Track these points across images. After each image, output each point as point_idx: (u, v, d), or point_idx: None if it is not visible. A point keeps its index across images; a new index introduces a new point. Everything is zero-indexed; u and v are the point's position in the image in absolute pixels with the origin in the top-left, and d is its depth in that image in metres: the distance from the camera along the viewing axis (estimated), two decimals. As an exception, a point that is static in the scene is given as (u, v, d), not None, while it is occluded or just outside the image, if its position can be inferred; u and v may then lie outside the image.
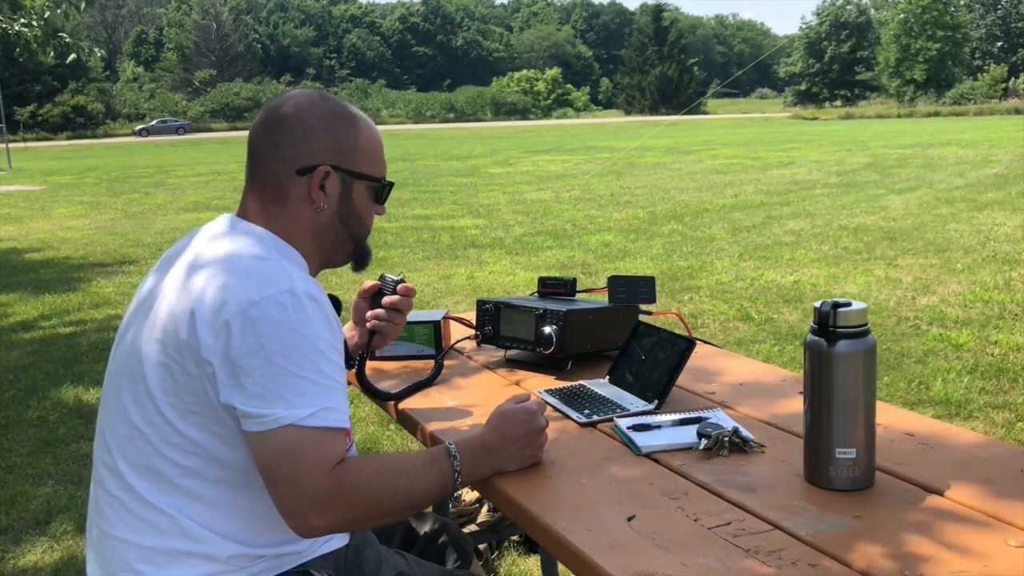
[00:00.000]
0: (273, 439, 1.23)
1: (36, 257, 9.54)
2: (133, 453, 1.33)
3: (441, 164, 22.17)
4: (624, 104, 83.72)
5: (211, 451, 1.30)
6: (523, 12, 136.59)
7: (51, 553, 3.02)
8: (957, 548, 1.11)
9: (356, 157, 1.45)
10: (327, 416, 1.25)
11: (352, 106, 1.48)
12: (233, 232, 1.39)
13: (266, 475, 1.26)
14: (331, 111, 1.43)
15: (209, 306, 1.26)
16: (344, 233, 1.47)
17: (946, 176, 14.77)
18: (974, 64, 74.30)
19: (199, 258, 1.35)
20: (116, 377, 1.38)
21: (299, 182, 1.41)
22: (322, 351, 1.27)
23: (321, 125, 1.41)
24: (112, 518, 1.34)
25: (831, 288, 6.65)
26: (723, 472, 1.38)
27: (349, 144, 1.44)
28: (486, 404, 1.74)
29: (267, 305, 1.25)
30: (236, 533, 1.32)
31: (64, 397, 4.70)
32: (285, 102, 1.44)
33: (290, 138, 1.40)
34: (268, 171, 1.41)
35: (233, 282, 1.27)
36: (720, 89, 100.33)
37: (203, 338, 1.25)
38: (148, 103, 73.17)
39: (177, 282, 1.33)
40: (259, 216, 1.41)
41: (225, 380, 1.24)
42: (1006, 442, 1.66)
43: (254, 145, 1.44)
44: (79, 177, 21.32)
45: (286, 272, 1.30)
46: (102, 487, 1.37)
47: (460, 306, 6.37)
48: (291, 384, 1.23)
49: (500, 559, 2.88)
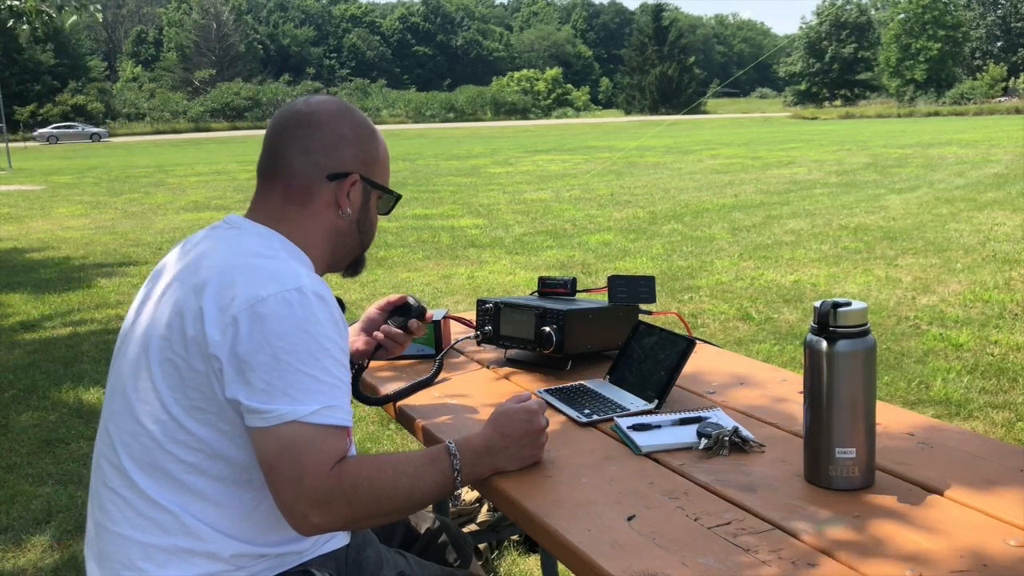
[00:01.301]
0: (275, 435, 1.24)
1: (36, 257, 9.54)
2: (138, 449, 1.33)
3: (441, 164, 22.17)
4: (624, 104, 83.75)
5: (216, 448, 1.30)
6: (523, 12, 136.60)
7: (51, 553, 3.02)
8: (957, 548, 1.11)
9: (377, 168, 1.50)
10: (330, 414, 1.25)
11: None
12: (240, 232, 1.41)
13: (268, 471, 1.26)
14: (361, 123, 1.48)
15: (217, 302, 1.27)
16: (357, 240, 1.51)
17: (946, 176, 14.77)
18: (974, 64, 74.30)
19: (206, 256, 1.36)
20: (121, 373, 1.39)
21: (328, 187, 1.44)
22: (328, 349, 1.27)
23: (352, 135, 1.46)
24: (115, 515, 1.35)
25: (831, 288, 6.65)
26: (723, 472, 1.38)
27: (372, 156, 1.49)
28: (486, 404, 1.74)
29: (275, 302, 1.26)
30: (239, 532, 1.32)
31: (64, 397, 4.70)
32: (316, 108, 1.46)
33: (323, 144, 1.43)
34: (297, 173, 1.43)
35: (241, 279, 1.28)
36: (720, 89, 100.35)
37: (211, 334, 1.26)
38: (148, 103, 73.18)
39: (184, 279, 1.34)
40: (273, 216, 1.43)
41: (232, 375, 1.25)
42: (1006, 442, 1.66)
43: (279, 146, 1.45)
44: (79, 177, 21.31)
45: (294, 270, 1.32)
46: (104, 484, 1.37)
47: (460, 306, 6.37)
48: (296, 381, 1.24)
49: (500, 559, 2.88)
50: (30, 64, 65.82)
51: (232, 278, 1.29)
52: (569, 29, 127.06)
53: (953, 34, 70.42)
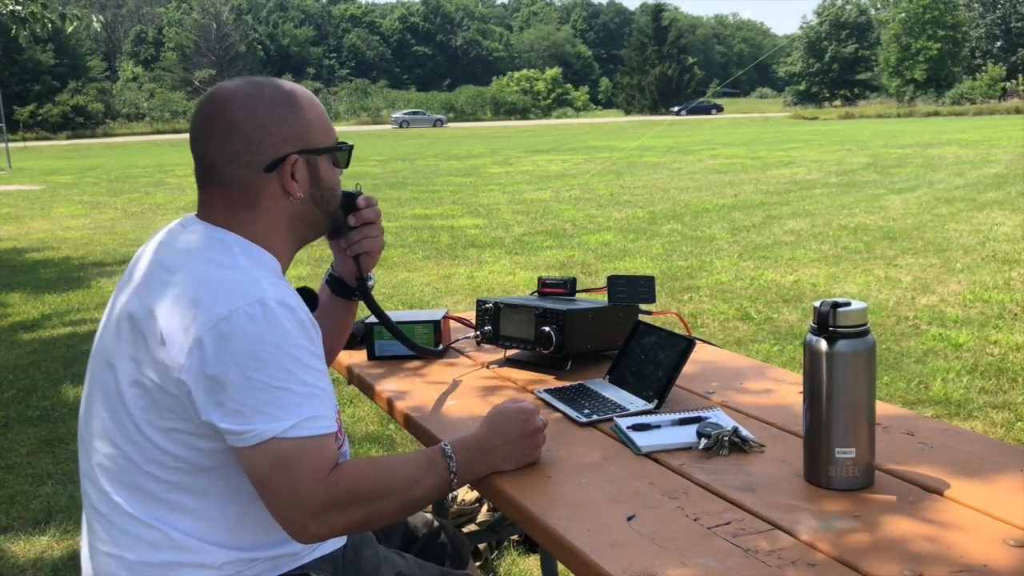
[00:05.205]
0: (260, 453, 1.22)
1: (36, 257, 9.54)
2: (115, 471, 1.31)
3: (441, 164, 22.16)
4: (624, 104, 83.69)
5: (197, 463, 1.28)
6: (523, 12, 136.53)
7: (51, 553, 3.02)
8: (957, 548, 1.11)
9: (312, 134, 1.40)
10: (310, 425, 1.23)
11: (283, 81, 1.42)
12: (196, 238, 1.35)
13: (259, 488, 1.24)
14: (274, 99, 1.37)
15: (179, 324, 1.23)
16: (319, 213, 1.44)
17: (946, 176, 14.77)
18: (974, 64, 74.26)
19: (164, 271, 1.31)
20: (92, 393, 1.36)
21: (268, 179, 1.36)
22: (299, 359, 1.24)
23: (271, 118, 1.36)
24: (101, 534, 1.33)
25: (831, 288, 6.65)
26: (723, 472, 1.38)
27: (301, 125, 1.38)
28: (485, 404, 1.74)
29: (237, 319, 1.21)
30: (229, 540, 1.31)
31: (64, 397, 4.70)
32: (224, 106, 1.36)
33: (246, 141, 1.35)
34: (232, 180, 1.36)
35: (201, 297, 1.24)
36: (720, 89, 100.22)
37: (176, 357, 1.22)
38: (148, 103, 73.12)
39: (145, 298, 1.29)
40: (224, 221, 1.36)
41: (203, 398, 1.22)
42: (1006, 442, 1.66)
43: (207, 157, 1.37)
44: (79, 177, 21.30)
45: (254, 281, 1.26)
46: (91, 504, 1.36)
47: (460, 306, 6.37)
48: (270, 397, 1.21)
49: (500, 559, 2.87)
50: (30, 64, 65.75)
51: (193, 295, 1.25)
52: (569, 29, 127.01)
53: (953, 34, 70.38)
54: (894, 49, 71.66)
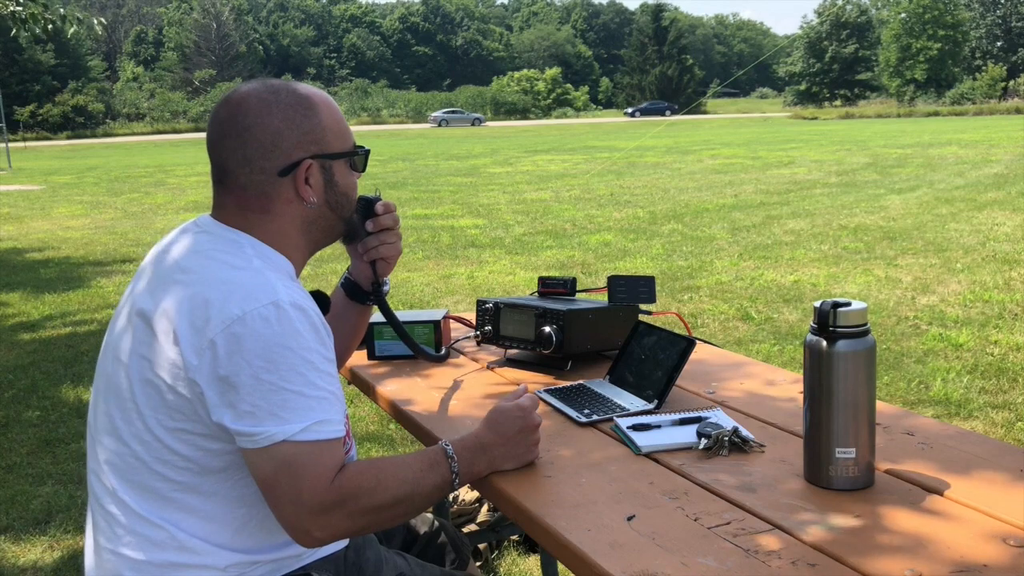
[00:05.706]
0: (269, 456, 1.22)
1: (36, 257, 9.54)
2: (124, 469, 1.31)
3: (441, 164, 22.16)
4: (624, 104, 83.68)
5: (205, 465, 1.28)
6: (523, 12, 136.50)
7: (51, 553, 3.02)
8: (957, 548, 1.11)
9: (327, 139, 1.39)
10: (320, 429, 1.23)
11: (300, 85, 1.41)
12: (209, 238, 1.35)
13: (265, 490, 1.24)
14: (289, 103, 1.36)
15: (192, 325, 1.23)
16: (334, 217, 1.44)
17: (946, 176, 14.77)
18: (974, 64, 74.23)
19: (178, 270, 1.31)
20: (103, 390, 1.36)
21: (283, 184, 1.36)
22: (311, 362, 1.24)
23: (285, 123, 1.35)
24: (106, 531, 1.33)
25: (831, 288, 6.65)
26: (723, 472, 1.38)
27: (316, 130, 1.38)
28: (485, 404, 1.74)
29: (251, 320, 1.21)
30: (234, 543, 1.31)
31: (64, 397, 4.70)
32: (238, 110, 1.36)
33: (260, 146, 1.34)
34: (246, 184, 1.36)
35: (214, 298, 1.24)
36: (720, 89, 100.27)
37: (188, 358, 1.22)
38: (148, 103, 73.10)
39: (158, 297, 1.29)
40: (238, 222, 1.36)
41: (214, 399, 1.22)
42: (1006, 442, 1.66)
43: (220, 159, 1.37)
44: (79, 177, 21.30)
45: (268, 282, 1.26)
46: (97, 501, 1.36)
47: (460, 306, 6.37)
48: (281, 400, 1.21)
49: (500, 559, 2.88)
50: (30, 64, 65.76)
51: (206, 296, 1.24)
52: (569, 29, 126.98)
53: (953, 34, 70.37)
54: (894, 49, 71.64)
